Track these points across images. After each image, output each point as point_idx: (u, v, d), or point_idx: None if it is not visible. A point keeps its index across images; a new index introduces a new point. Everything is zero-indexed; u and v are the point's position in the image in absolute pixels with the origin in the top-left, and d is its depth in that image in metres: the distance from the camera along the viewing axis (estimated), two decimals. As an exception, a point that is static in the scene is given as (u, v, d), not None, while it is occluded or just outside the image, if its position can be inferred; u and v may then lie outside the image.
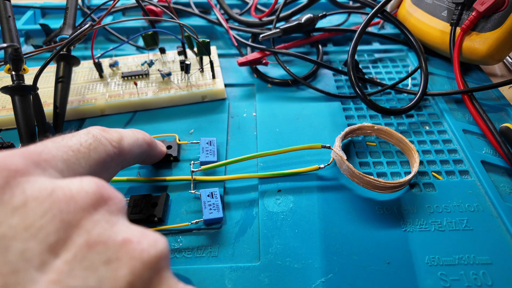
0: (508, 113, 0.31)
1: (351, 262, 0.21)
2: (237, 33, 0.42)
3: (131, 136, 0.20)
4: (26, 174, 0.12)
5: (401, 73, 0.37)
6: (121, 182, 0.26)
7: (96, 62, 0.33)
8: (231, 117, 0.32)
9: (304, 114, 0.32)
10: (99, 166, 0.16)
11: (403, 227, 0.23)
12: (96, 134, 0.17)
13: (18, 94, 0.24)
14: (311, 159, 0.28)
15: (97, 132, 0.18)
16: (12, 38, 0.25)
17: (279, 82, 0.35)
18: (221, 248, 0.22)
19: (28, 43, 0.43)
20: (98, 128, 0.18)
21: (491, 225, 0.23)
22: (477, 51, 0.32)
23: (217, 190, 0.24)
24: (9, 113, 0.31)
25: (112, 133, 0.19)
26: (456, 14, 0.33)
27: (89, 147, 0.16)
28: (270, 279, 0.21)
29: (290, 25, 0.37)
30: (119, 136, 0.19)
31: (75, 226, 0.12)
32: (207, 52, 0.33)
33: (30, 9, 0.46)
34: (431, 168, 0.27)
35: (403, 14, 0.40)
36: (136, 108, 0.33)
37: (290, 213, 0.24)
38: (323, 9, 0.47)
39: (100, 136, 0.17)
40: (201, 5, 0.48)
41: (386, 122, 0.31)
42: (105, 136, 0.18)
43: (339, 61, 0.39)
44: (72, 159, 0.15)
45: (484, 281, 0.20)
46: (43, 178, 0.12)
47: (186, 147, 0.29)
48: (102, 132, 0.18)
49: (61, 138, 0.16)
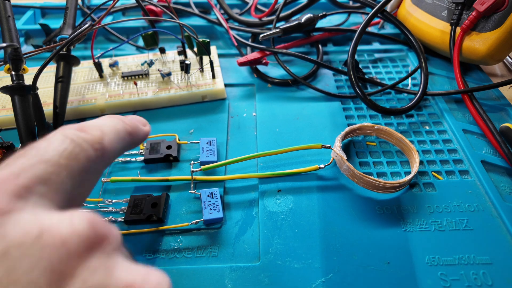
0: (508, 113, 0.31)
1: (351, 262, 0.21)
2: (237, 33, 0.42)
3: (112, 130, 0.17)
4: (5, 213, 0.10)
5: (401, 73, 0.37)
6: (121, 182, 0.26)
7: (96, 62, 0.33)
8: (231, 117, 0.32)
9: (304, 114, 0.32)
10: (82, 175, 0.15)
11: (403, 227, 0.23)
12: (74, 138, 0.15)
13: (17, 94, 0.24)
14: (311, 159, 0.28)
15: (74, 134, 0.15)
16: (12, 38, 0.25)
17: (279, 82, 0.35)
18: (221, 248, 0.22)
19: (28, 43, 0.43)
20: (74, 127, 0.15)
21: (491, 225, 0.23)
22: (477, 51, 0.32)
23: (217, 190, 0.24)
24: (9, 113, 0.31)
25: (92, 131, 0.16)
26: (456, 14, 0.33)
27: (69, 157, 0.14)
28: (270, 279, 0.21)
29: (290, 25, 0.37)
30: (100, 134, 0.16)
31: (70, 276, 0.10)
32: (207, 52, 0.33)
33: (30, 9, 0.46)
34: (431, 168, 0.27)
35: (403, 14, 0.40)
36: (136, 108, 0.33)
37: (290, 213, 0.24)
38: (323, 9, 0.47)
39: (79, 139, 0.15)
40: (201, 5, 0.48)
41: (386, 122, 0.31)
42: (84, 138, 0.15)
43: (339, 61, 0.39)
44: (53, 176, 0.13)
45: (484, 281, 0.20)
46: (25, 215, 0.11)
47: (186, 147, 0.29)
48: (80, 133, 0.15)
49: (35, 151, 0.13)
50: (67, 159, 0.14)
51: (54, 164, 0.13)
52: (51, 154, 0.13)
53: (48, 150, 0.14)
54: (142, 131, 0.20)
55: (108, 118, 0.18)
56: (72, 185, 0.14)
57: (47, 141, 0.14)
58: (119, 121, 0.18)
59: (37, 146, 0.14)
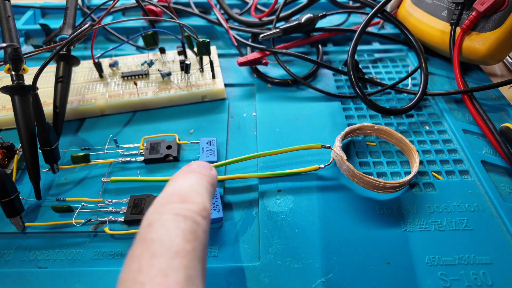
0: (508, 113, 0.31)
1: (351, 262, 0.21)
2: (237, 33, 0.42)
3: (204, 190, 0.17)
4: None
5: (401, 73, 0.37)
6: (121, 182, 0.26)
7: (96, 62, 0.33)
8: (231, 117, 0.32)
9: (304, 114, 0.32)
10: (204, 254, 0.14)
11: (403, 227, 0.23)
12: (189, 214, 0.14)
13: (17, 94, 0.24)
14: (311, 159, 0.28)
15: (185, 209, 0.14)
16: (12, 38, 0.25)
17: (279, 82, 0.35)
18: (221, 248, 0.22)
19: (28, 43, 0.43)
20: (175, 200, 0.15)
21: (491, 225, 0.23)
22: (477, 51, 0.32)
23: (217, 190, 0.24)
24: (8, 113, 0.31)
25: (195, 199, 0.15)
26: (456, 14, 0.33)
27: (191, 238, 0.13)
28: (270, 279, 0.21)
29: (290, 25, 0.37)
30: (202, 200, 0.16)
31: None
32: (207, 52, 0.33)
33: (30, 9, 0.46)
34: (431, 168, 0.27)
35: (403, 14, 0.40)
36: (136, 108, 0.32)
37: (290, 213, 0.24)
38: (323, 9, 0.47)
39: (192, 214, 0.14)
40: (201, 5, 0.48)
41: (386, 122, 0.31)
42: (195, 210, 0.15)
43: (339, 61, 0.39)
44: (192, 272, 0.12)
45: (484, 281, 0.20)
46: None
47: (186, 147, 0.29)
48: (191, 206, 0.15)
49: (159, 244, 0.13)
50: (190, 241, 0.13)
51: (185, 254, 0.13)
52: (177, 241, 0.13)
53: (174, 239, 0.13)
54: (215, 176, 0.19)
55: (192, 176, 0.17)
56: (202, 271, 0.13)
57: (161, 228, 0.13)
58: (203, 177, 0.18)
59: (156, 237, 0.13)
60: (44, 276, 0.21)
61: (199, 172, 0.18)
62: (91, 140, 0.30)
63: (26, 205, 0.25)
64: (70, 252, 0.22)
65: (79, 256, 0.22)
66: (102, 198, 0.25)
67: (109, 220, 0.23)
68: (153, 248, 0.13)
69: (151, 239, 0.13)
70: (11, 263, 0.22)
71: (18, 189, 0.23)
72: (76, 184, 0.26)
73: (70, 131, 0.31)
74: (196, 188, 0.16)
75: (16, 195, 0.22)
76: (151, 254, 0.13)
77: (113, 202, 0.25)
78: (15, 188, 0.22)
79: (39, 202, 0.25)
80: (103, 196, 0.25)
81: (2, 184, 0.21)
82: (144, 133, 0.30)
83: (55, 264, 0.22)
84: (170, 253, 0.13)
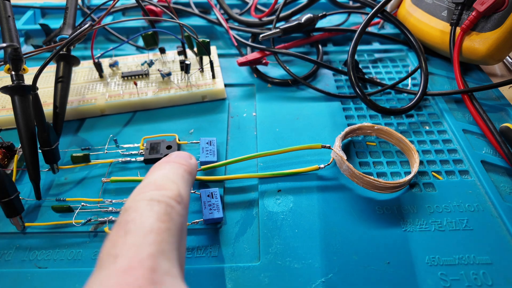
0: (508, 113, 0.31)
1: (351, 262, 0.21)
2: (237, 33, 0.42)
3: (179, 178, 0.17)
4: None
5: (401, 73, 0.37)
6: (121, 182, 0.26)
7: (96, 62, 0.33)
8: (231, 117, 0.32)
9: (304, 114, 0.32)
10: (179, 234, 0.14)
11: (403, 227, 0.23)
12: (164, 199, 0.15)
13: (17, 94, 0.24)
14: (311, 159, 0.28)
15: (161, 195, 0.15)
16: (12, 38, 0.25)
17: (279, 82, 0.35)
18: (221, 248, 0.22)
19: (28, 43, 0.43)
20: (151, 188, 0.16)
21: (491, 225, 0.23)
22: (477, 51, 0.32)
23: (217, 190, 0.24)
24: (8, 113, 0.31)
25: (170, 186, 0.16)
26: (456, 14, 0.33)
27: (166, 219, 0.14)
28: (270, 279, 0.21)
29: (290, 25, 0.37)
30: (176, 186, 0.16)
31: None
32: (207, 52, 0.33)
33: (30, 9, 0.46)
34: (431, 168, 0.27)
35: (403, 14, 0.40)
36: (136, 108, 0.32)
37: (290, 213, 0.24)
38: (323, 9, 0.47)
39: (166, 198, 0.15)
40: (201, 5, 0.48)
41: (386, 122, 0.31)
42: (168, 195, 0.15)
43: (339, 61, 0.39)
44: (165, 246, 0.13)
45: (484, 281, 0.20)
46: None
47: (186, 147, 0.29)
48: (165, 192, 0.15)
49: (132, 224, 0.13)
50: (165, 221, 0.14)
51: (160, 232, 0.13)
52: (151, 222, 0.13)
53: (149, 220, 0.13)
54: (194, 165, 0.20)
55: (167, 166, 0.18)
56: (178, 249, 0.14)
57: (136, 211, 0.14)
58: (178, 166, 0.18)
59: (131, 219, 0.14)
60: (44, 276, 0.21)
61: (175, 161, 0.19)
62: (91, 140, 0.30)
63: (26, 205, 0.25)
64: (70, 252, 0.22)
65: (79, 256, 0.22)
66: (102, 198, 0.25)
67: (109, 220, 0.23)
68: (127, 227, 0.13)
69: (125, 220, 0.14)
70: (11, 263, 0.22)
71: (18, 189, 0.23)
72: (76, 184, 0.26)
73: (70, 131, 0.31)
74: (170, 177, 0.17)
75: (16, 195, 0.22)
76: (125, 232, 0.13)
77: (113, 202, 0.25)
78: (15, 188, 0.22)
79: (39, 202, 0.25)
80: (103, 196, 0.25)
81: (2, 184, 0.21)
82: (144, 133, 0.30)
83: (55, 264, 0.22)
84: (143, 231, 0.13)
